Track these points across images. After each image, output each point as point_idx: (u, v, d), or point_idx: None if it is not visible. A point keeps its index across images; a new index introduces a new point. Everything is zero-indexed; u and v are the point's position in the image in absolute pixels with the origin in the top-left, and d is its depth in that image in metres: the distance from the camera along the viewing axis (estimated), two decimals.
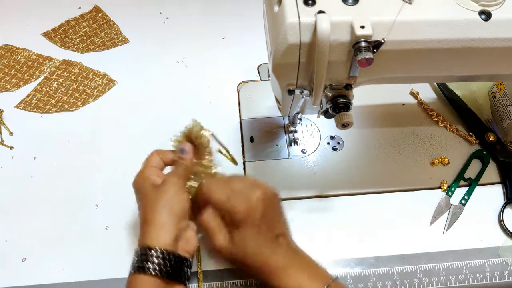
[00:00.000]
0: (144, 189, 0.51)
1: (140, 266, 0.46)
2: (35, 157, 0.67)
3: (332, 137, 0.69)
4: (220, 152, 0.57)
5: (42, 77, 0.76)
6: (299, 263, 0.49)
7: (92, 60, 0.79)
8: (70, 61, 0.79)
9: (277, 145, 0.67)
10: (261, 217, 0.48)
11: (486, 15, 0.47)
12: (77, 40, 0.82)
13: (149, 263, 0.46)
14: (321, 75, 0.46)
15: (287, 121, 0.69)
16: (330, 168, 0.66)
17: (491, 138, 0.67)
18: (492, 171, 0.65)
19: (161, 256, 0.46)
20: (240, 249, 0.48)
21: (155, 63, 0.78)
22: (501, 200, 0.63)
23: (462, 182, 0.64)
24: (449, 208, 0.62)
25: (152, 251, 0.46)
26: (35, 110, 0.72)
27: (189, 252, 0.50)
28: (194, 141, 0.53)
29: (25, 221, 0.61)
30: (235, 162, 0.58)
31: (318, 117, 0.56)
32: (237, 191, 0.49)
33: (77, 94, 0.74)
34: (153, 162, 0.53)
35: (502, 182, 0.64)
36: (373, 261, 0.54)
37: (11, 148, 0.68)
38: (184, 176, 0.52)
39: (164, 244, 0.47)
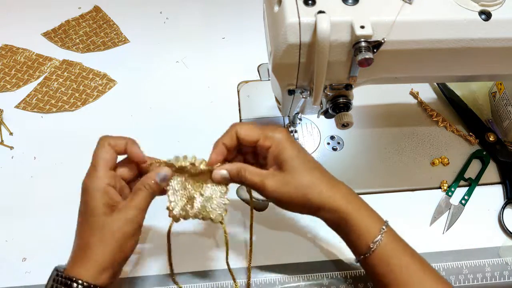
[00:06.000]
0: (92, 202, 0.45)
1: None
2: (35, 157, 0.67)
3: (332, 137, 0.69)
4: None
5: (42, 77, 0.76)
6: (359, 201, 0.48)
7: (92, 60, 0.79)
8: (70, 61, 0.79)
9: None
10: (300, 149, 0.48)
11: (486, 15, 0.47)
12: (77, 40, 0.82)
13: None
14: (321, 75, 0.46)
15: (287, 121, 0.69)
16: (330, 168, 0.65)
17: (491, 138, 0.67)
18: (492, 171, 0.65)
19: None
20: (295, 185, 0.46)
21: (155, 63, 0.78)
22: (501, 200, 0.63)
23: (462, 182, 0.64)
24: (449, 208, 0.62)
25: (76, 284, 0.43)
26: (35, 110, 0.72)
27: (110, 282, 0.46)
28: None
29: (25, 221, 0.61)
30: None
31: (318, 117, 0.57)
32: (266, 132, 0.47)
33: (77, 94, 0.74)
34: (107, 158, 0.47)
35: (502, 182, 0.64)
36: None
37: (11, 148, 0.68)
38: (146, 207, 0.47)
39: (91, 277, 0.43)
